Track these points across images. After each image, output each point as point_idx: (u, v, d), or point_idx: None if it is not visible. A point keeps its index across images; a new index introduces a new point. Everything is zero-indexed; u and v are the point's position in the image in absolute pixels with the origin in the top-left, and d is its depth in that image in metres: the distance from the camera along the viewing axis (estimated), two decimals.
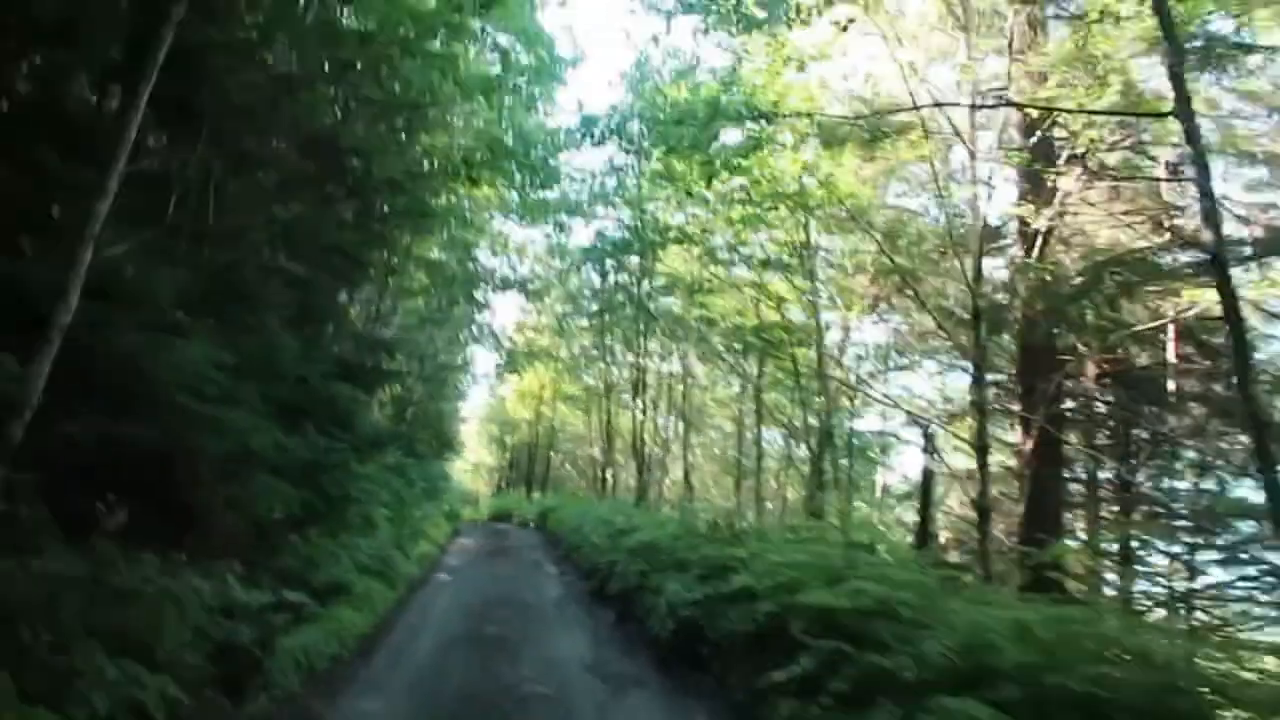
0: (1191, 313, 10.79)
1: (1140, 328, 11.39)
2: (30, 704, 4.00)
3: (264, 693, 5.63)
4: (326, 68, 9.15)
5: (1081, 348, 11.78)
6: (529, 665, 6.54)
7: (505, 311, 27.85)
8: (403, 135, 11.78)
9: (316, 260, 10.02)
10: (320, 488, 9.19)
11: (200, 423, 6.01)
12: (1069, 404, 14.00)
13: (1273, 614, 11.96)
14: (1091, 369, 12.37)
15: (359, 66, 9.38)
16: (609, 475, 24.69)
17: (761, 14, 9.32)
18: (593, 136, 15.05)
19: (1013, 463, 13.76)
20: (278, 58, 8.71)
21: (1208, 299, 9.64)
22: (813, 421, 17.35)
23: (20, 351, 4.71)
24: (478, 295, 22.31)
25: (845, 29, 9.47)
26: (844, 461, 21.55)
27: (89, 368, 5.14)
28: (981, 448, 9.67)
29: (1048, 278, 11.29)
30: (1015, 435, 13.64)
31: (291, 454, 8.33)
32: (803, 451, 20.58)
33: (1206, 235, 5.35)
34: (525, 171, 15.20)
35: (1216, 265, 5.28)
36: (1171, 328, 11.70)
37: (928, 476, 7.57)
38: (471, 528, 22.15)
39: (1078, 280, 11.72)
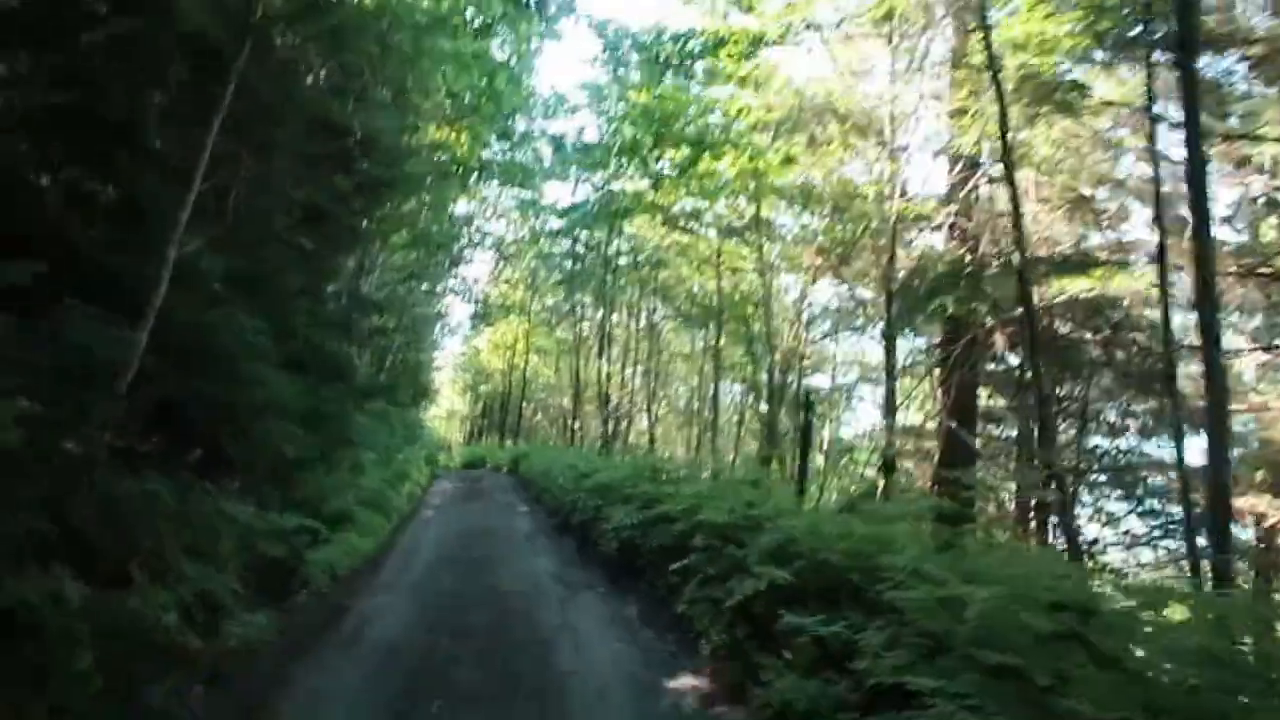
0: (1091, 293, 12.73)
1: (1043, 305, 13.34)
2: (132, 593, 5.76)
3: (303, 589, 7.49)
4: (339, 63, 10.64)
5: (990, 320, 13.71)
6: (506, 575, 8.44)
7: (481, 263, 29.26)
8: (396, 111, 13.25)
9: (322, 232, 11.64)
10: (323, 432, 10.96)
11: (247, 379, 7.73)
12: (990, 366, 16.11)
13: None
14: (1001, 339, 14.33)
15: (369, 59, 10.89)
16: (578, 425, 26.63)
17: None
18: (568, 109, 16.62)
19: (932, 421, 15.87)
20: (293, 50, 10.19)
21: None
22: (765, 378, 19.27)
23: (125, 325, 6.39)
24: (454, 251, 23.85)
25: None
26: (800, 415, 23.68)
27: (170, 337, 6.82)
28: (890, 408, 11.62)
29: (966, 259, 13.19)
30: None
31: (301, 403, 10.07)
32: (761, 406, 22.64)
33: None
34: (501, 135, 16.73)
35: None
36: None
37: (806, 428, 9.41)
38: (447, 473, 24.01)
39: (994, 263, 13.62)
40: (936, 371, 15.48)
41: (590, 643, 5.86)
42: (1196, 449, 15.12)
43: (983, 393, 16.18)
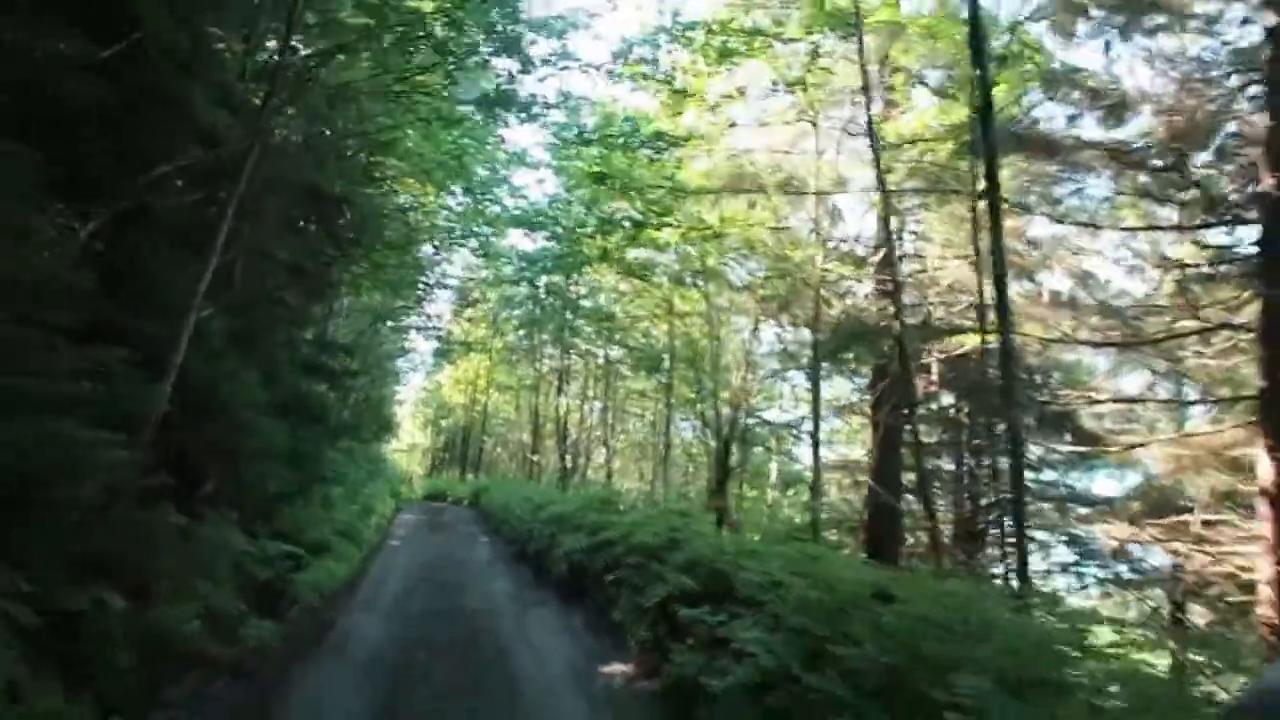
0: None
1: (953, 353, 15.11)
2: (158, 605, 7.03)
3: (294, 606, 8.78)
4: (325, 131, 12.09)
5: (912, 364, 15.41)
6: (470, 595, 9.80)
7: (444, 302, 30.56)
8: (374, 174, 14.71)
9: (302, 287, 13.02)
10: (301, 469, 12.25)
11: (245, 426, 9.06)
12: (921, 406, 17.83)
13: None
14: (921, 383, 16.04)
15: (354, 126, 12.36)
16: (537, 459, 27.95)
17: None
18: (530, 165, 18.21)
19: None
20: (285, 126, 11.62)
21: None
22: (712, 414, 20.83)
23: (152, 379, 7.72)
24: (419, 293, 25.21)
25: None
26: (757, 449, 25.37)
27: (186, 390, 8.16)
28: (815, 442, 13.21)
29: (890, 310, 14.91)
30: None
31: (284, 443, 11.38)
32: (712, 441, 24.19)
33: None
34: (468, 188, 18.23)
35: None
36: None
37: (724, 461, 10.94)
38: (410, 505, 25.15)
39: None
40: (869, 410, 17.15)
41: (542, 646, 7.27)
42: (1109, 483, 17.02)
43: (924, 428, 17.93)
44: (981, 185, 7.52)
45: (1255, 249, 7.83)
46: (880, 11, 9.35)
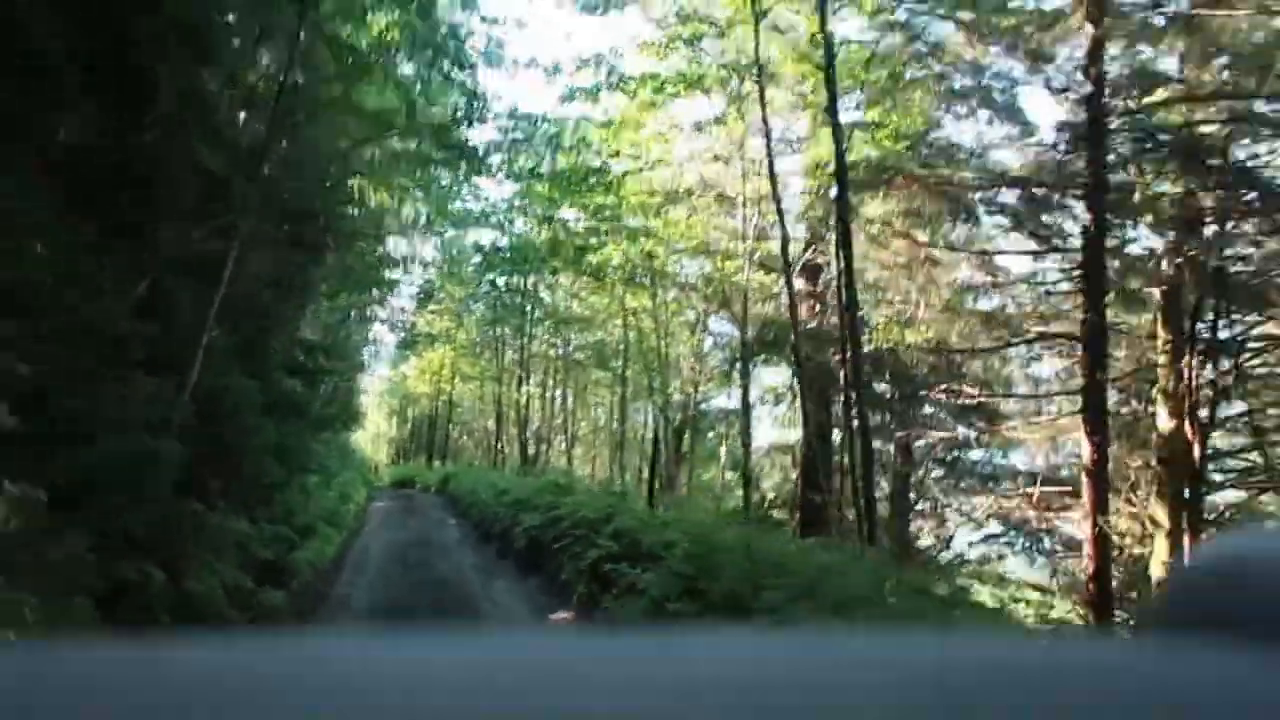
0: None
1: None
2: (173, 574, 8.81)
3: (294, 580, 10.57)
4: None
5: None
6: (441, 568, 11.66)
7: (407, 294, 32.13)
8: (348, 189, 16.36)
9: (283, 295, 14.71)
10: (288, 461, 14.00)
11: (246, 428, 10.81)
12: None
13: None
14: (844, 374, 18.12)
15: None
16: (501, 447, 29.79)
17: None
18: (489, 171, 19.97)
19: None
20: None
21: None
22: (661, 403, 22.83)
23: (178, 392, 9.44)
24: (382, 290, 26.86)
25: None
26: (710, 434, 27.48)
27: (200, 399, 9.89)
28: (745, 431, 15.21)
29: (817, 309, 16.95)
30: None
31: (273, 438, 13.13)
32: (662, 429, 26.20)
33: None
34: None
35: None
36: None
37: (656, 443, 12.88)
38: (381, 493, 26.89)
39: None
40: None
41: (502, 602, 9.17)
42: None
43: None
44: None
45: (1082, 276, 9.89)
46: (785, 64, 11.21)
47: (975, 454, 20.21)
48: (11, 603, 5.85)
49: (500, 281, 23.30)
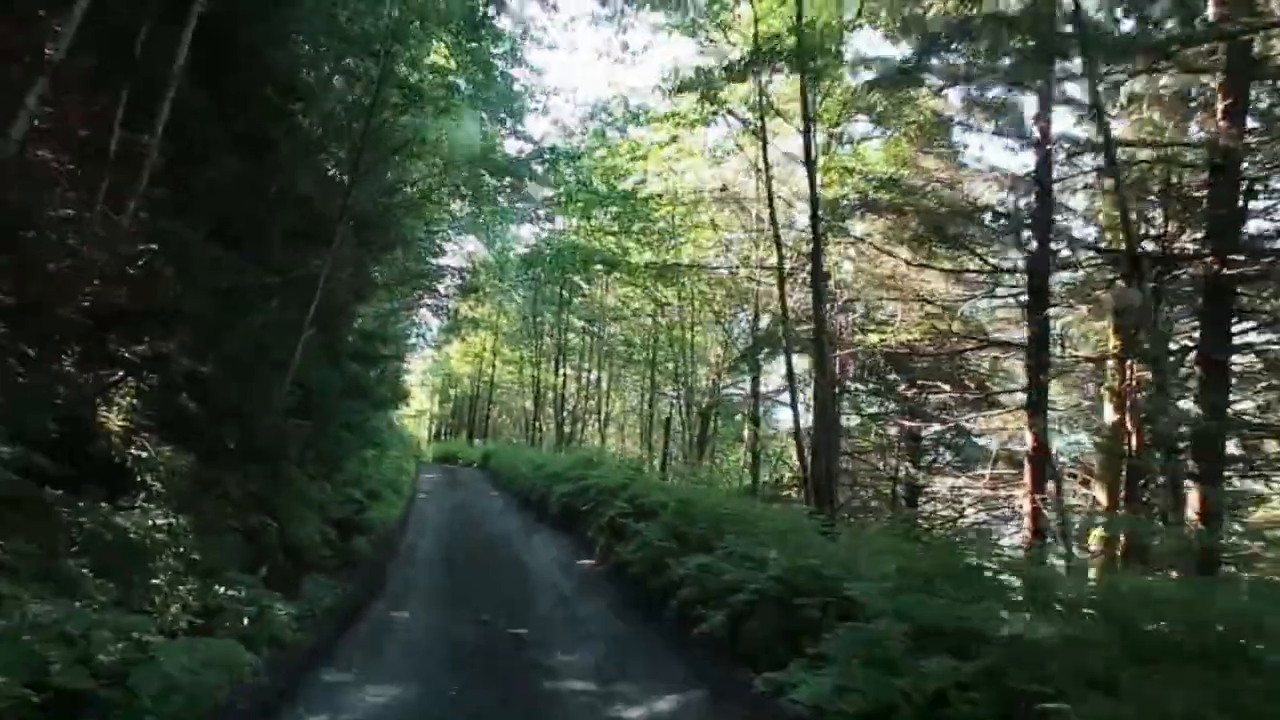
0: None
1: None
2: (281, 524, 11.40)
3: (369, 534, 13.16)
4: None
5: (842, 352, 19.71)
6: (489, 526, 14.20)
7: (451, 283, 34.69)
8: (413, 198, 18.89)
9: (358, 294, 17.33)
10: (357, 435, 16.64)
11: (331, 409, 13.41)
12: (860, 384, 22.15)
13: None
14: (851, 366, 20.33)
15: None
16: (538, 425, 32.44)
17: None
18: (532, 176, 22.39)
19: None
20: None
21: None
22: (685, 390, 25.23)
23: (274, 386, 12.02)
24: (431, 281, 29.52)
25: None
26: (737, 416, 29.81)
27: (297, 386, 12.46)
28: (755, 420, 17.53)
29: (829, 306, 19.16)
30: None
31: (346, 417, 15.75)
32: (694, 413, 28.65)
33: None
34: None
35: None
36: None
37: (668, 425, 15.24)
38: (426, 467, 29.67)
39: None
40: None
41: (539, 553, 11.66)
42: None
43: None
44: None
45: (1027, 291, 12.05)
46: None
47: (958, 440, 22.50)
48: (185, 533, 8.41)
49: (540, 273, 25.77)
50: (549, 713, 5.21)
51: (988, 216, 12.05)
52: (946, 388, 15.00)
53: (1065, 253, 12.66)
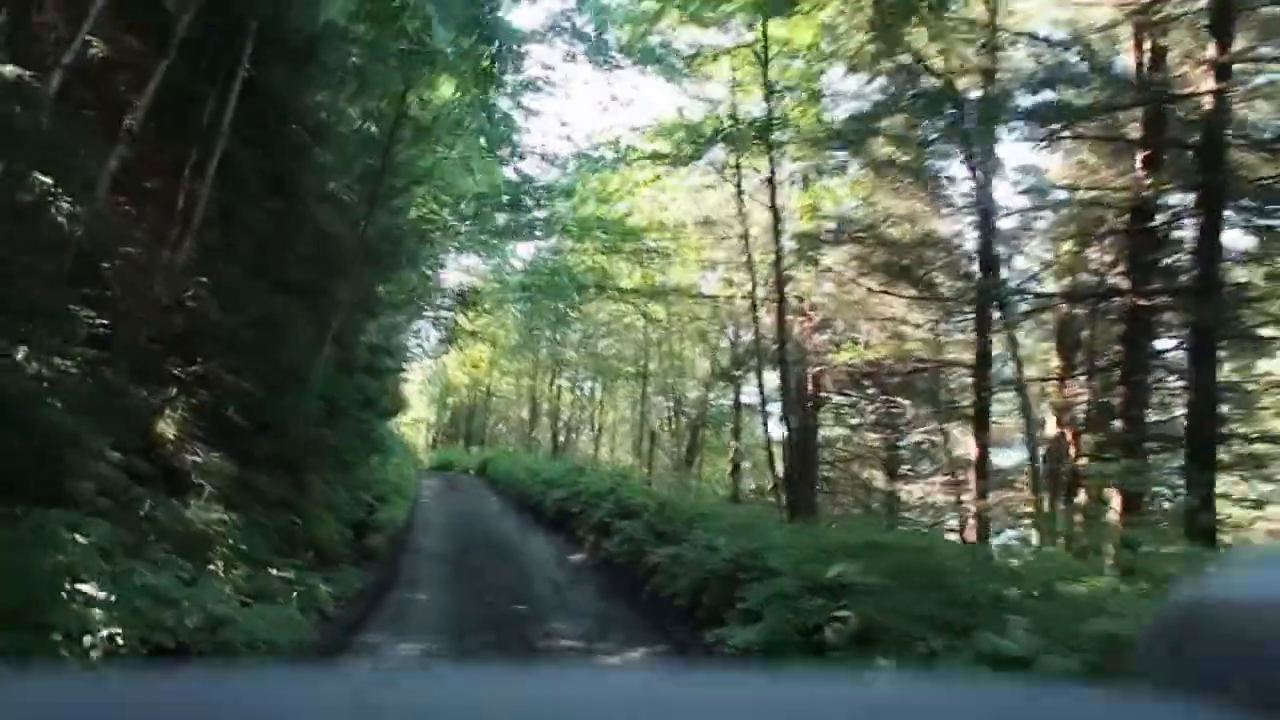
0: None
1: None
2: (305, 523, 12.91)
3: (380, 533, 14.68)
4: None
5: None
6: (489, 529, 15.72)
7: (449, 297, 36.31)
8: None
9: (361, 307, 18.89)
10: (365, 442, 18.18)
11: (347, 418, 14.94)
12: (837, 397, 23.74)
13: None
14: (829, 380, 21.92)
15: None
16: (534, 434, 33.97)
17: None
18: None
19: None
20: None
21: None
22: (674, 403, 26.81)
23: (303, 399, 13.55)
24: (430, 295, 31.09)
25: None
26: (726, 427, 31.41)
27: (321, 400, 13.98)
28: (735, 432, 19.08)
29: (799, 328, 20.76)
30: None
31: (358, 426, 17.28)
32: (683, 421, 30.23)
33: None
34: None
35: None
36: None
37: (653, 436, 16.80)
38: (425, 474, 31.15)
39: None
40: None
41: (535, 549, 13.19)
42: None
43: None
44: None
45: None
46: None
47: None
48: (234, 527, 9.87)
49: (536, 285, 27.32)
50: (547, 663, 6.75)
51: (940, 251, 13.63)
52: (907, 402, 16.55)
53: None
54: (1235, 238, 12.39)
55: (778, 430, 23.24)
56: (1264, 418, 14.50)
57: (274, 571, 8.47)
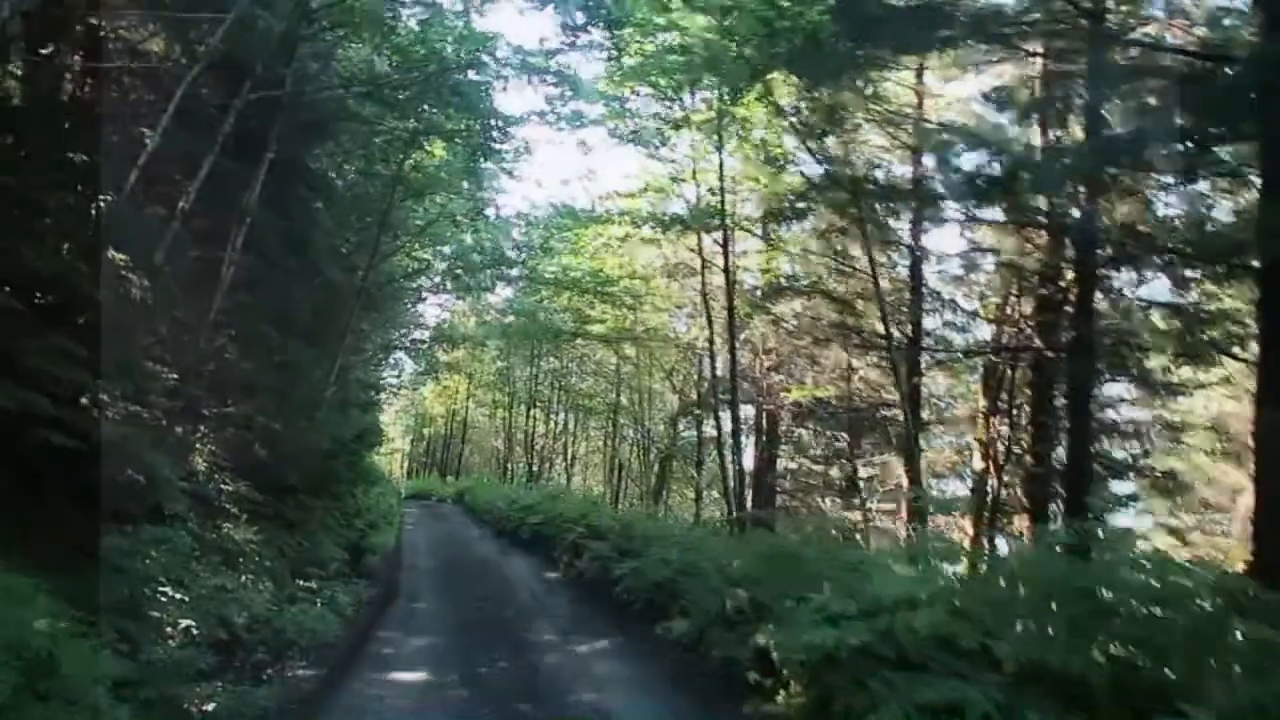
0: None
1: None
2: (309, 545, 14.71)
3: (373, 555, 16.46)
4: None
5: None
6: (472, 550, 17.57)
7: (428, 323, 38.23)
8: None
9: (355, 349, 20.77)
10: (355, 471, 20.01)
11: (345, 451, 16.77)
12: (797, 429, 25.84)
13: None
14: (786, 415, 24.01)
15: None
16: (509, 464, 35.79)
17: None
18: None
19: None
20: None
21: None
22: (642, 433, 28.75)
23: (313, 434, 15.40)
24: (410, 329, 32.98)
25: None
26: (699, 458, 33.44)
27: (332, 435, 15.83)
28: (698, 464, 21.08)
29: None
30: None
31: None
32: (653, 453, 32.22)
33: None
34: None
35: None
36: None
37: (621, 467, 18.75)
38: (404, 502, 32.88)
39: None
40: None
41: (515, 567, 15.04)
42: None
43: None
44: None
45: None
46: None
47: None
48: (258, 544, 11.67)
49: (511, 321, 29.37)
50: (529, 649, 8.67)
51: (875, 305, 15.79)
52: (846, 436, 18.66)
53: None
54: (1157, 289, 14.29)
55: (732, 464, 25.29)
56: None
57: (300, 582, 10.30)
